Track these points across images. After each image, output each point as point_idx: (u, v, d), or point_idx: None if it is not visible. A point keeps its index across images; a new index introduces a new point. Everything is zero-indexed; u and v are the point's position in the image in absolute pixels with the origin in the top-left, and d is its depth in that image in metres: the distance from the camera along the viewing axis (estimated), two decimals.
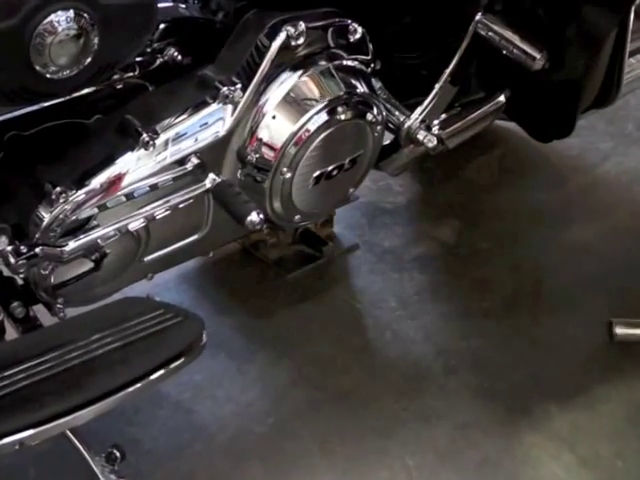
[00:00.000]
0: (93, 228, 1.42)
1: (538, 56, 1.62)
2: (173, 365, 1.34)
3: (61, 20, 1.22)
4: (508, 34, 1.64)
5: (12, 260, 1.35)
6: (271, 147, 1.54)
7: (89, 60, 1.27)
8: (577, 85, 1.71)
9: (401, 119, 1.71)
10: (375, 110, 1.62)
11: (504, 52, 1.65)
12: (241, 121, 1.51)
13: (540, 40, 1.64)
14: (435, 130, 1.73)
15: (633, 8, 1.68)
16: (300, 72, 1.54)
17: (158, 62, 1.47)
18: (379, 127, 1.65)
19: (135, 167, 1.42)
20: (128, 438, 1.60)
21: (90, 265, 1.46)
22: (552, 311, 1.88)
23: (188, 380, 1.69)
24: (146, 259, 1.56)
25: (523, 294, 1.93)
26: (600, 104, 1.86)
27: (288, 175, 1.57)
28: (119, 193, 1.42)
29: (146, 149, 1.39)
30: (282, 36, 1.48)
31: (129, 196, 1.44)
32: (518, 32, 1.64)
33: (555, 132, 1.90)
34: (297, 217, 1.68)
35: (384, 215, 2.11)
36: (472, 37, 1.67)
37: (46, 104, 1.36)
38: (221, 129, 1.48)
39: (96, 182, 1.39)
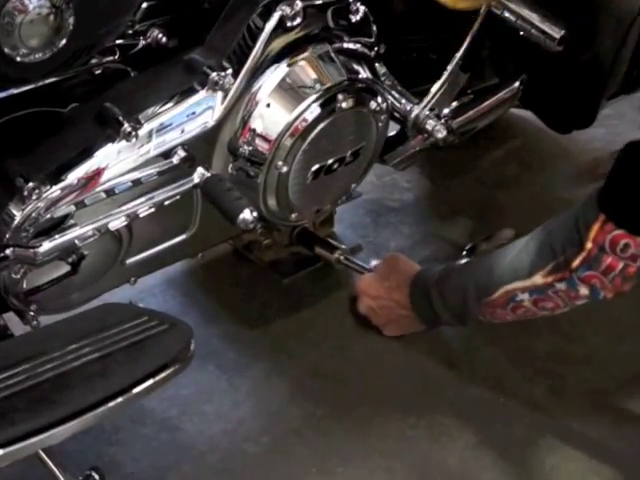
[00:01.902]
0: (70, 227, 1.41)
1: (558, 36, 1.62)
2: (158, 378, 1.33)
3: None
4: (526, 13, 1.64)
5: None
6: (265, 138, 1.54)
7: (64, 42, 1.26)
8: (602, 69, 1.70)
9: (408, 107, 1.71)
10: (379, 98, 1.62)
11: (521, 33, 1.65)
12: (232, 110, 1.51)
13: (561, 19, 1.64)
14: (445, 119, 1.73)
15: None
16: (297, 56, 1.54)
17: (141, 45, 1.46)
18: (383, 116, 1.65)
19: (116, 160, 1.41)
20: (108, 460, 1.59)
21: (66, 268, 1.46)
22: (574, 319, 1.87)
23: (174, 395, 1.68)
24: (128, 262, 1.56)
25: None
26: (628, 90, 1.86)
27: (284, 169, 1.57)
28: (98, 189, 1.42)
29: (128, 140, 1.39)
30: (276, 16, 1.48)
31: (109, 192, 1.44)
32: (536, 10, 1.64)
33: (576, 122, 1.90)
34: (294, 215, 1.68)
35: (389, 214, 2.10)
36: (485, 16, 1.67)
37: (16, 91, 1.35)
38: (210, 119, 1.48)
39: (73, 177, 1.38)
